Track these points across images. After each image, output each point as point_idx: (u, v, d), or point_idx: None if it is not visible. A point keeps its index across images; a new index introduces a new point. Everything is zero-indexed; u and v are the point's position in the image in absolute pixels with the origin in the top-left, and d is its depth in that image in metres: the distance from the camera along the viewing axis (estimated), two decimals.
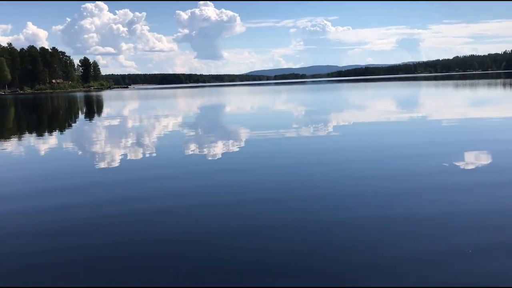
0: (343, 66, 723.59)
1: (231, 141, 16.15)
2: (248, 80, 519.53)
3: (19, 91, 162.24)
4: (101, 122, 28.52)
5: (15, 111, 49.17)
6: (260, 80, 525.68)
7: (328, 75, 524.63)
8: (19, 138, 20.61)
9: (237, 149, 14.24)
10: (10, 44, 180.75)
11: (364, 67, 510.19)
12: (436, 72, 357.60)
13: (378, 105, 35.84)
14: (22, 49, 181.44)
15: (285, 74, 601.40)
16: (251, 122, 25.09)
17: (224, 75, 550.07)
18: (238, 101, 55.53)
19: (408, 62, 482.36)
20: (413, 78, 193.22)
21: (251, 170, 10.95)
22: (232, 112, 34.68)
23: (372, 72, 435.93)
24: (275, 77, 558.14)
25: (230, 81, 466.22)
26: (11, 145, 18.00)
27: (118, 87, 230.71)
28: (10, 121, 34.03)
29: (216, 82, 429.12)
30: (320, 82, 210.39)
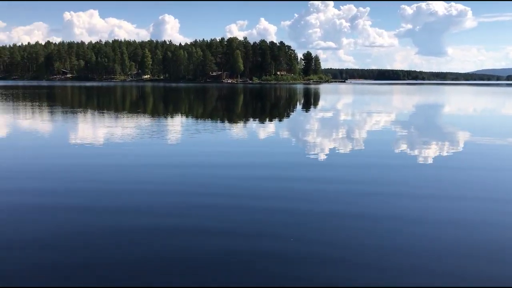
0: None
1: (446, 147, 15.16)
2: (474, 79, 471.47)
3: (249, 81, 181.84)
4: (314, 114, 30.03)
5: (243, 98, 55.34)
6: (489, 79, 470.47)
7: None
8: (244, 123, 23.33)
9: (453, 154, 13.34)
10: (245, 38, 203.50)
11: None
12: None
13: None
14: (254, 43, 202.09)
15: None
16: (469, 126, 22.93)
17: (446, 72, 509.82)
18: (458, 101, 51.08)
19: None
20: None
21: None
22: (448, 114, 32.22)
23: None
24: (508, 77, 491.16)
25: (452, 79, 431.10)
26: (235, 128, 20.63)
27: (335, 81, 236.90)
28: (238, 107, 38.54)
29: (436, 80, 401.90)
30: None
